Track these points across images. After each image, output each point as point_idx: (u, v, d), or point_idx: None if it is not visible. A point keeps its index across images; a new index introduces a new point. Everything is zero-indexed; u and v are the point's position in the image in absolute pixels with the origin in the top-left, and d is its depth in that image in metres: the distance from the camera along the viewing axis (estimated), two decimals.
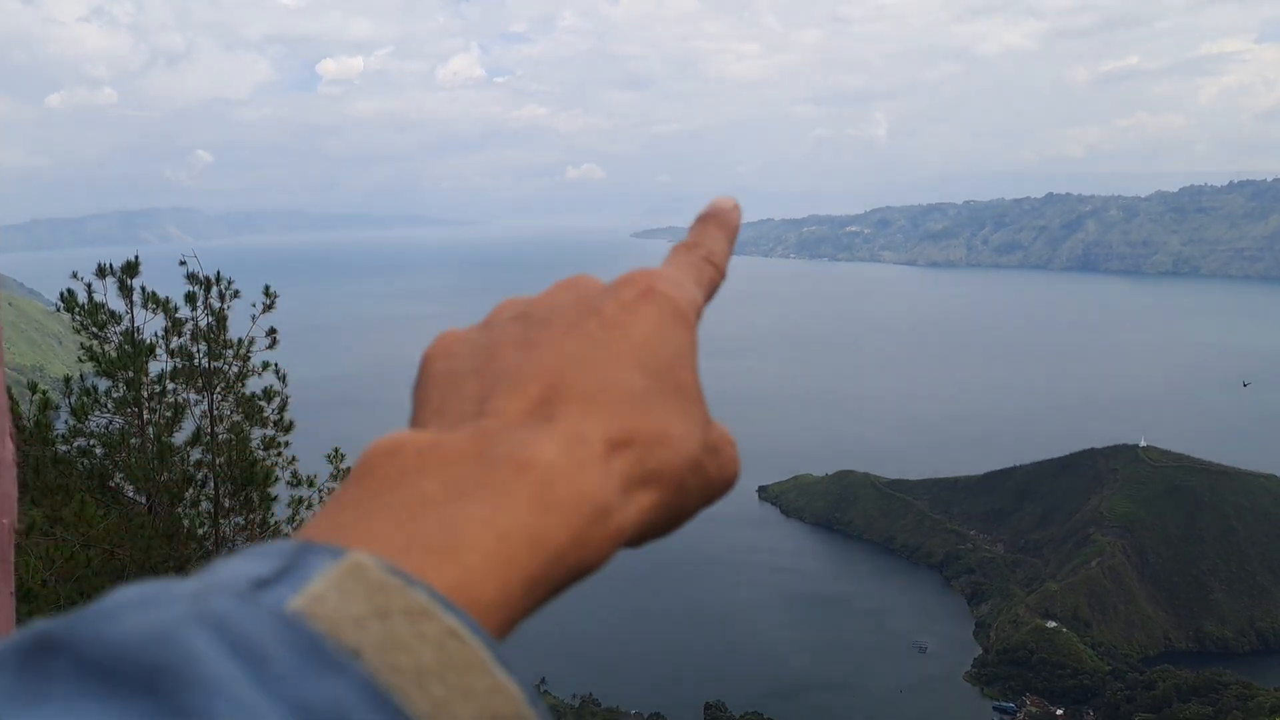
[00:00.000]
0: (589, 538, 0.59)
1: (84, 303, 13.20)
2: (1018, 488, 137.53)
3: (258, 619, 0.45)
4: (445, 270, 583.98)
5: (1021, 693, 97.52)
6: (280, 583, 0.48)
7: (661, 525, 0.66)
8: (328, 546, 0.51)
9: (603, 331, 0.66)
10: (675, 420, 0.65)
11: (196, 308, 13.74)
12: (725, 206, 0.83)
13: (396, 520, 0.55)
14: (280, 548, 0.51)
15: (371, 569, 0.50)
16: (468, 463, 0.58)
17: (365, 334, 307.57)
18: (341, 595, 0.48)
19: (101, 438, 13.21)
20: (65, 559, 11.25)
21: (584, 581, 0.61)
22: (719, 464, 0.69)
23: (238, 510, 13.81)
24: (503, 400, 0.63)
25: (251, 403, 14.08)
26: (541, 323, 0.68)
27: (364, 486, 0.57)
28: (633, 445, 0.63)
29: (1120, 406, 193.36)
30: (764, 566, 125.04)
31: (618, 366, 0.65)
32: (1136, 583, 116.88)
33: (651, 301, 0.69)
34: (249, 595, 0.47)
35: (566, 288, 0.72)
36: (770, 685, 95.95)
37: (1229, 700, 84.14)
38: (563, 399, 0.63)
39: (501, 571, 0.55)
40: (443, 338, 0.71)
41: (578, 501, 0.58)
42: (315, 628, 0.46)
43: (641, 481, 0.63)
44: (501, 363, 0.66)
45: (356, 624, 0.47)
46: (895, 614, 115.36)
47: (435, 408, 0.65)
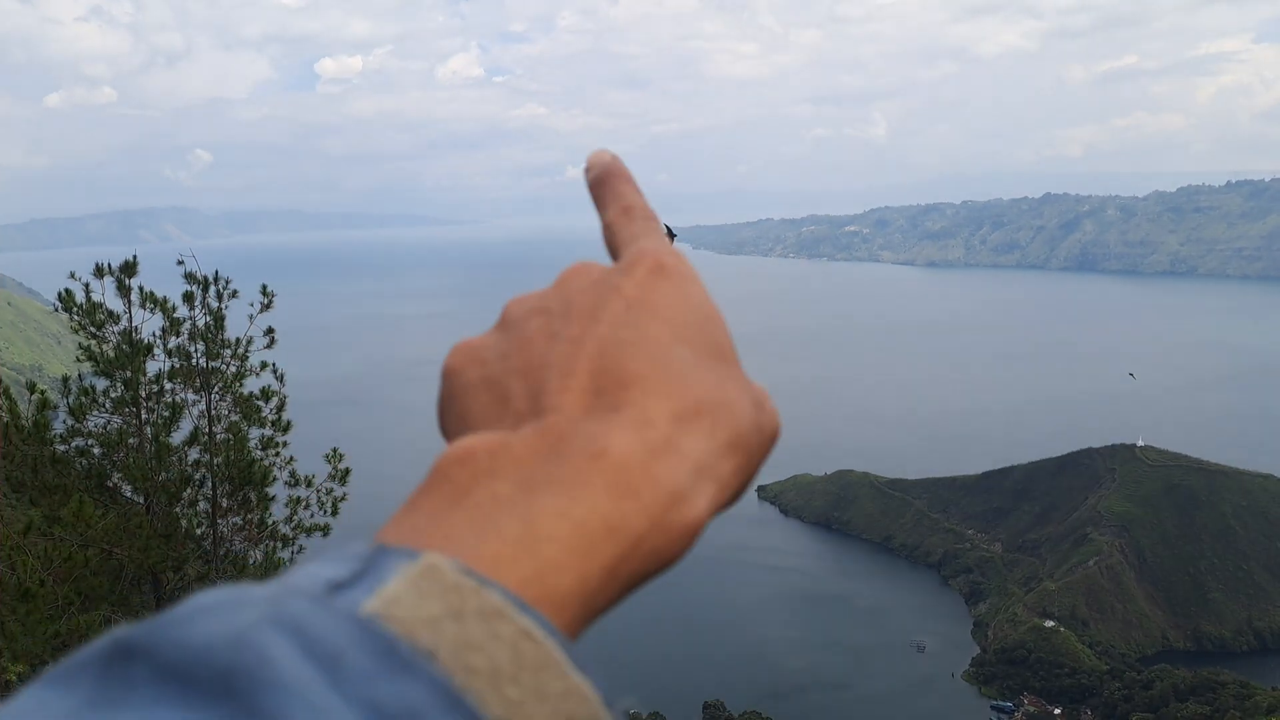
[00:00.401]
0: (669, 521, 0.58)
1: (82, 302, 13.21)
2: (1016, 487, 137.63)
3: (332, 621, 0.46)
4: (444, 270, 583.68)
5: (1019, 692, 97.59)
6: (355, 585, 0.49)
7: (742, 490, 0.65)
8: (403, 549, 0.51)
9: (630, 312, 0.66)
10: (727, 384, 0.65)
11: (194, 307, 13.76)
12: (607, 159, 0.83)
13: (471, 521, 0.55)
14: (356, 550, 0.51)
15: (446, 570, 0.50)
16: (539, 460, 0.58)
17: (364, 334, 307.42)
18: (416, 597, 0.48)
19: (100, 437, 13.23)
20: (63, 558, 11.27)
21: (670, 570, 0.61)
22: (769, 419, 0.67)
23: (235, 510, 13.83)
24: (557, 395, 0.62)
25: (249, 402, 14.10)
26: (564, 313, 0.67)
27: (438, 493, 0.58)
28: (701, 416, 0.62)
29: (1118, 406, 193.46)
30: (763, 565, 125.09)
31: (659, 343, 0.64)
32: (1134, 582, 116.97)
33: (665, 275, 0.69)
34: (324, 598, 0.48)
35: (574, 275, 0.71)
36: (769, 684, 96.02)
37: (1226, 700, 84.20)
38: (619, 384, 0.62)
39: (579, 561, 0.55)
40: (461, 348, 0.70)
41: (654, 486, 0.58)
42: (390, 629, 0.47)
43: (719, 453, 0.62)
44: (540, 358, 0.64)
45: (431, 625, 0.48)
46: (893, 613, 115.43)
47: (482, 416, 0.64)
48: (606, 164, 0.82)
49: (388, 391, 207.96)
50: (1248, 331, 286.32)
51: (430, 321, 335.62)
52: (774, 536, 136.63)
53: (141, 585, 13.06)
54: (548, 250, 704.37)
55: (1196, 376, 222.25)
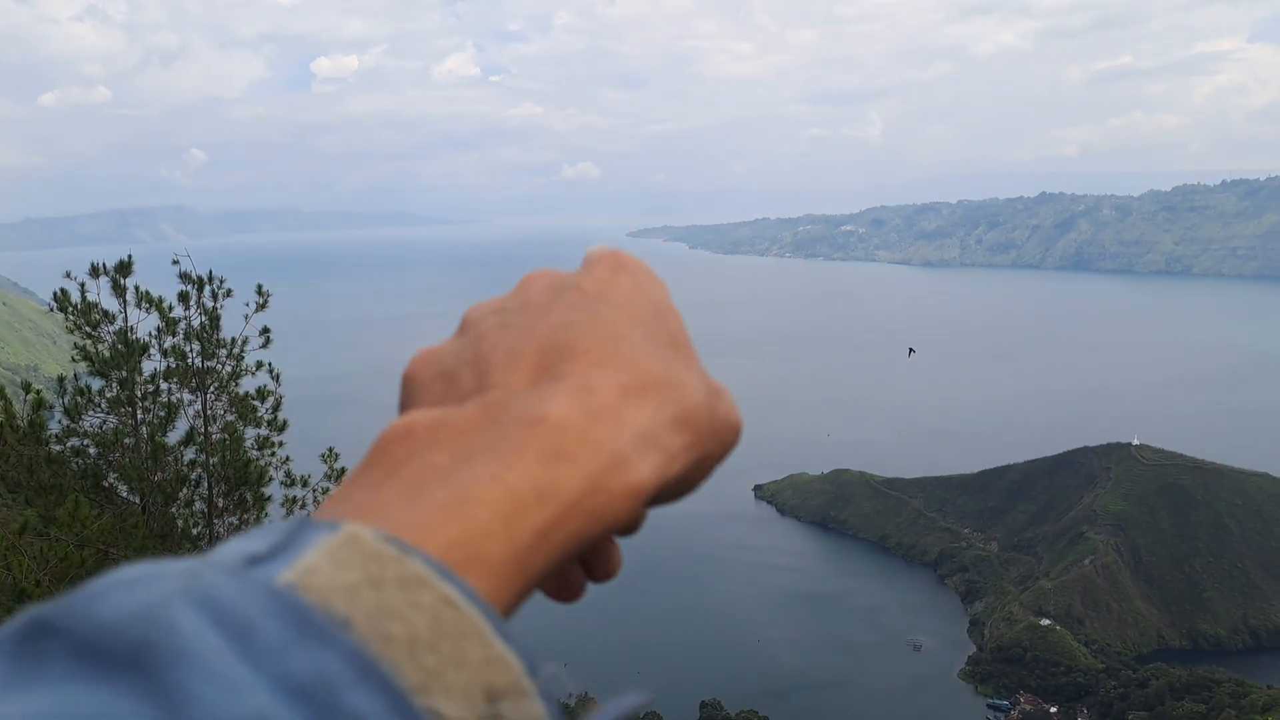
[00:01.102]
0: (607, 485, 0.58)
1: (77, 302, 13.16)
2: (1011, 486, 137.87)
3: (246, 592, 0.46)
4: (441, 269, 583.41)
5: (1015, 690, 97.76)
6: (275, 558, 0.49)
7: (689, 474, 0.65)
8: (326, 521, 0.51)
9: (586, 301, 0.66)
10: (681, 369, 0.65)
11: (190, 307, 13.72)
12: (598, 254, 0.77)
13: (403, 491, 0.56)
14: (279, 526, 0.51)
15: (366, 539, 0.50)
16: (478, 431, 0.59)
17: (360, 333, 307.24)
18: (334, 566, 0.48)
19: (95, 437, 13.19)
20: (59, 559, 11.25)
21: (625, 537, 0.61)
22: (726, 407, 0.67)
23: (232, 510, 13.79)
24: (502, 374, 0.62)
25: (245, 402, 14.07)
26: (519, 309, 0.68)
27: (376, 468, 0.58)
28: (648, 390, 0.62)
29: (1113, 405, 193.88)
30: (760, 565, 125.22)
31: (611, 324, 0.65)
32: (1130, 580, 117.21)
33: (625, 272, 0.69)
34: (241, 571, 0.48)
35: (534, 279, 0.72)
36: (765, 683, 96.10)
37: (1222, 698, 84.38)
38: (565, 359, 0.62)
39: (509, 525, 0.55)
40: (419, 354, 0.70)
41: (592, 450, 0.58)
42: (305, 599, 0.47)
43: (665, 426, 0.62)
44: (490, 347, 0.65)
45: (348, 594, 0.47)
46: (890, 612, 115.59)
47: (434, 402, 0.64)
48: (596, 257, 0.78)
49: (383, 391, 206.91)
50: (1243, 331, 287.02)
51: (426, 321, 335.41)
52: (771, 536, 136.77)
53: None
54: (545, 250, 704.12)
55: (1192, 375, 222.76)
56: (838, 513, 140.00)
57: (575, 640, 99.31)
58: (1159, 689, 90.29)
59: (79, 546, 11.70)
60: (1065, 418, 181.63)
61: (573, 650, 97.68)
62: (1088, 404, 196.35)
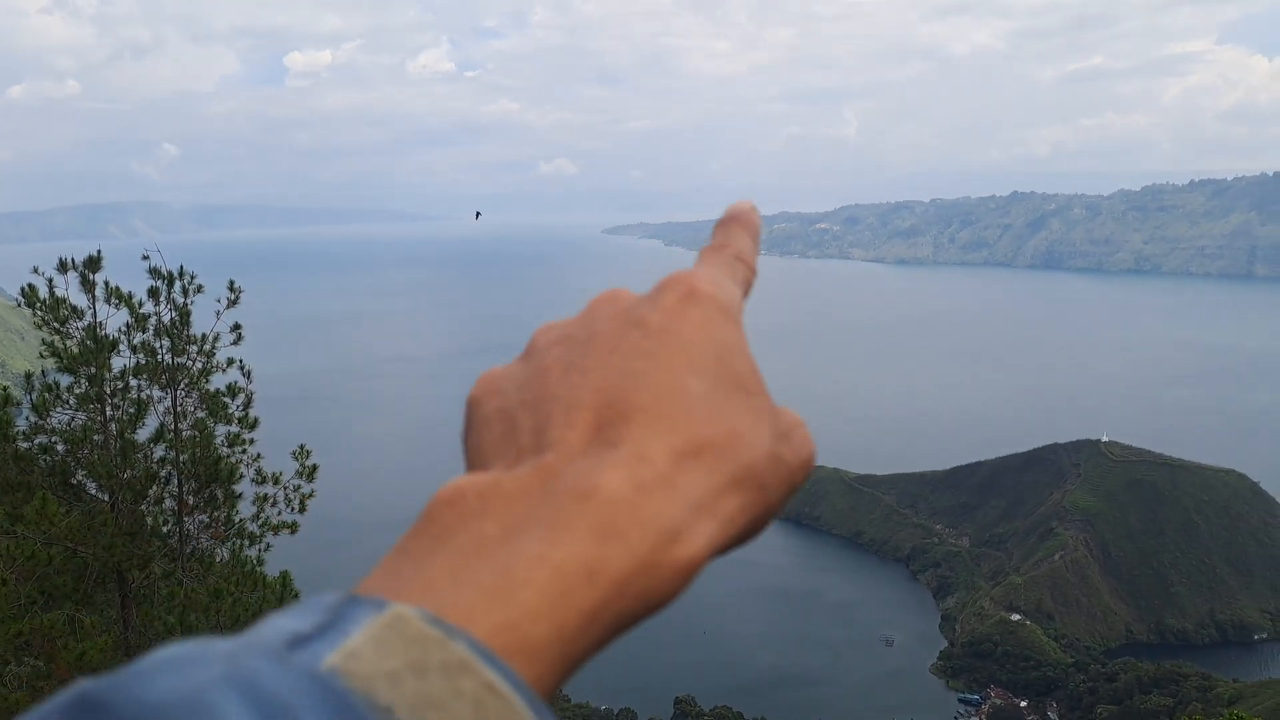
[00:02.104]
0: (658, 562, 0.57)
1: (46, 298, 13.05)
2: (982, 482, 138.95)
3: (289, 678, 0.46)
4: (416, 266, 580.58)
5: (986, 685, 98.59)
6: (319, 638, 0.49)
7: (753, 526, 0.64)
8: (372, 599, 0.51)
9: (649, 341, 0.65)
10: (742, 416, 0.64)
11: (160, 303, 13.63)
12: (745, 208, 0.80)
13: (452, 566, 0.55)
14: (325, 601, 0.51)
15: (412, 621, 0.49)
16: (529, 499, 0.58)
17: (333, 330, 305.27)
18: (378, 650, 0.48)
19: (63, 434, 13.09)
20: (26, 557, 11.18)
21: (666, 609, 0.60)
22: (794, 449, 0.66)
23: (202, 507, 13.75)
24: (559, 430, 0.61)
25: (216, 399, 14.01)
26: (585, 344, 0.66)
27: (425, 536, 0.57)
28: (703, 453, 0.61)
29: (1083, 402, 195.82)
30: (733, 561, 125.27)
31: (672, 374, 0.63)
32: (1099, 576, 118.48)
33: (694, 303, 0.67)
34: (284, 653, 0.47)
35: (604, 303, 0.70)
36: (739, 679, 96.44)
37: (1189, 692, 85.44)
38: (623, 419, 0.61)
39: (556, 607, 0.54)
40: (485, 377, 0.69)
41: (642, 526, 0.57)
42: (348, 685, 0.47)
43: (721, 490, 0.61)
44: (551, 390, 0.64)
45: (391, 680, 0.47)
46: (863, 608, 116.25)
47: (492, 449, 0.64)
48: (737, 208, 0.79)
49: (356, 388, 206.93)
50: (1209, 329, 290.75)
51: (399, 318, 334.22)
52: None
53: (106, 583, 12.96)
54: (520, 247, 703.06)
55: (1160, 373, 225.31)
56: (811, 509, 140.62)
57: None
58: (1127, 683, 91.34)
59: (46, 544, 11.63)
60: (1035, 415, 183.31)
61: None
62: (1058, 401, 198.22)
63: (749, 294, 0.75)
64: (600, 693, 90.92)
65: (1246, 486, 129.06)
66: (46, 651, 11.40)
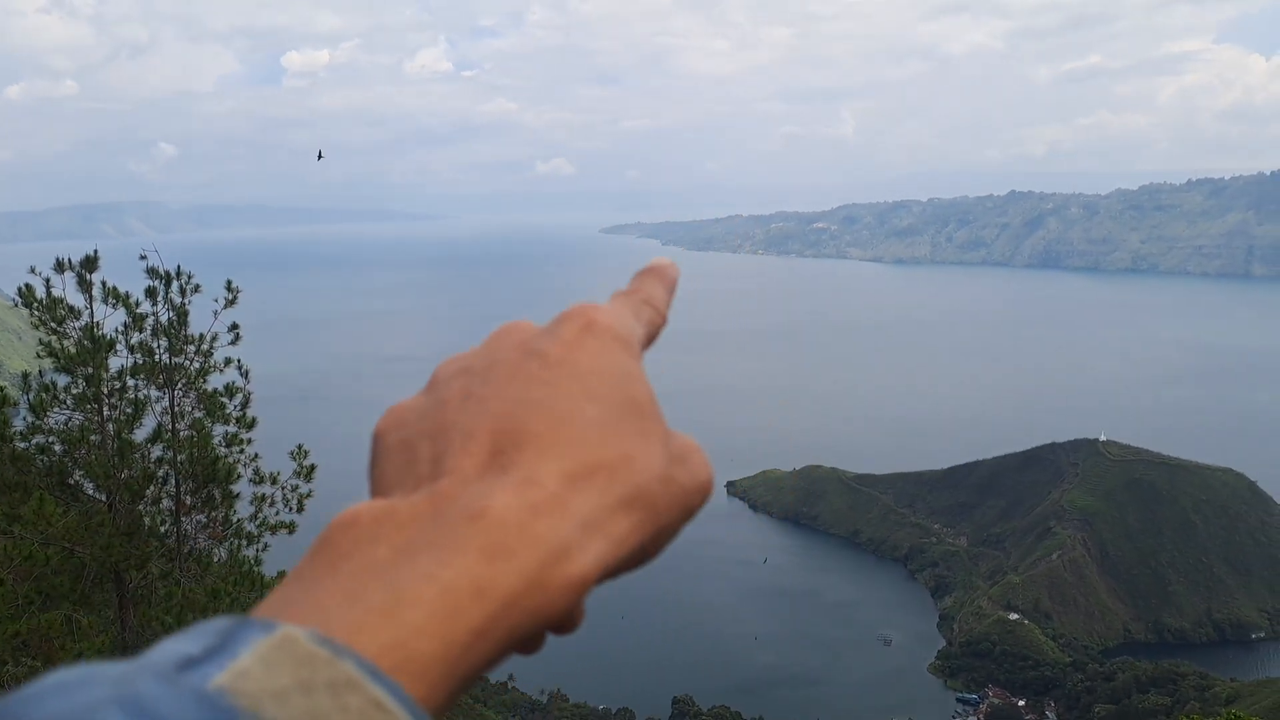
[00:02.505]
0: (547, 579, 0.58)
1: (43, 297, 13.02)
2: (980, 482, 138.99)
3: (177, 698, 0.46)
4: (413, 266, 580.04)
5: (984, 684, 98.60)
6: (208, 660, 0.49)
7: (646, 547, 0.65)
8: (262, 621, 0.52)
9: (547, 371, 0.66)
10: (635, 440, 0.65)
11: (157, 303, 13.60)
12: (664, 262, 0.84)
13: (343, 589, 0.56)
14: (215, 625, 0.51)
15: (300, 641, 0.50)
16: (421, 524, 0.59)
17: (330, 330, 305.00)
18: (266, 670, 0.49)
19: (61, 434, 13.06)
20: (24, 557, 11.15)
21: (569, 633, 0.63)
22: (689, 472, 0.68)
23: (200, 508, 13.72)
24: (455, 458, 0.62)
25: (213, 399, 13.98)
26: (484, 374, 0.68)
27: (319, 561, 0.58)
28: (594, 474, 0.62)
29: (1080, 401, 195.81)
30: (732, 560, 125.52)
31: (567, 402, 0.65)
32: (1096, 575, 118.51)
33: (592, 335, 0.69)
34: (173, 675, 0.48)
35: (503, 334, 0.72)
36: (737, 679, 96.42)
37: (1187, 691, 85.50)
38: (516, 446, 0.62)
39: (444, 625, 0.55)
40: (390, 411, 0.70)
41: (531, 544, 0.58)
42: (235, 703, 0.47)
43: (612, 510, 0.62)
44: (450, 420, 0.65)
45: (278, 699, 0.48)
46: (861, 607, 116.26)
47: (394, 479, 0.65)
48: (655, 261, 0.83)
49: (354, 388, 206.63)
50: (1207, 328, 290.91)
51: (397, 317, 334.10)
52: (743, 531, 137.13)
53: (104, 584, 12.93)
54: (517, 247, 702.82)
55: (1157, 372, 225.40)
56: (809, 509, 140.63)
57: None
58: (1125, 682, 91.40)
59: (44, 544, 11.60)
60: (1033, 414, 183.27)
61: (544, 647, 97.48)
62: (1055, 401, 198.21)
63: (655, 338, 0.78)
64: (598, 693, 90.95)
65: (1244, 486, 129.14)
66: (44, 652, 11.37)
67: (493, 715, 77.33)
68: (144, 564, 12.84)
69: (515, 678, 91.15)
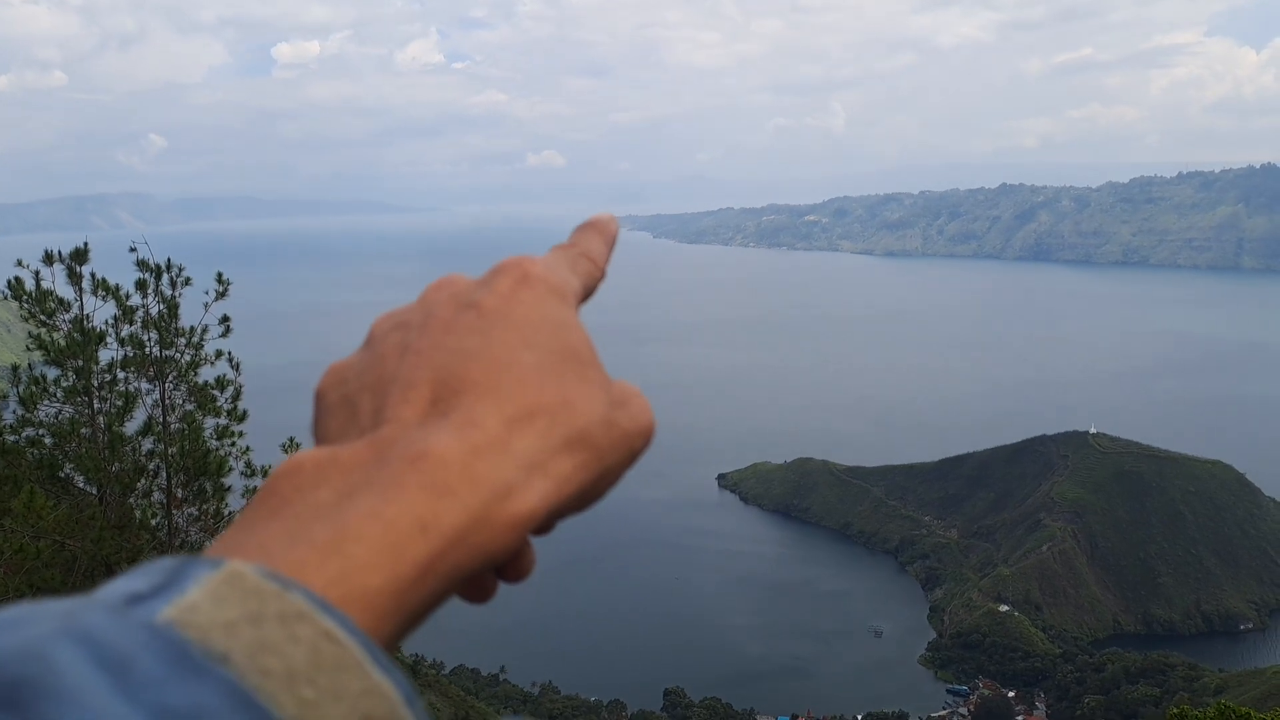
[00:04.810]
0: (491, 516, 0.59)
1: (32, 290, 12.93)
2: (971, 474, 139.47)
3: (125, 630, 0.47)
4: (404, 257, 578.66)
5: (974, 676, 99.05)
6: (156, 596, 0.50)
7: (588, 490, 0.66)
8: (209, 559, 0.52)
9: (483, 321, 0.67)
10: (575, 385, 0.66)
11: (148, 295, 13.53)
12: (604, 217, 0.84)
13: (286, 529, 0.57)
14: (162, 564, 0.52)
15: (248, 576, 0.51)
16: (364, 467, 0.60)
17: (321, 322, 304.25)
18: (215, 603, 0.49)
19: (51, 427, 12.99)
20: (14, 551, 11.09)
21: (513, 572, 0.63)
22: (630, 415, 0.68)
23: (191, 501, 13.65)
24: (395, 408, 0.64)
25: (204, 392, 13.90)
26: (420, 327, 0.69)
27: (263, 507, 0.59)
28: (535, 417, 0.63)
29: (1071, 394, 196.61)
30: (723, 553, 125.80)
31: (504, 349, 0.66)
32: (1086, 567, 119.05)
33: (527, 286, 0.70)
34: (120, 609, 0.48)
35: (437, 289, 0.73)
36: (728, 670, 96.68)
37: (1176, 682, 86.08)
38: (455, 394, 0.64)
39: (389, 560, 0.56)
40: (330, 370, 0.71)
41: (473, 483, 0.59)
42: (184, 635, 0.48)
43: (555, 450, 0.63)
44: (389, 373, 0.66)
45: (227, 630, 0.48)
46: (852, 599, 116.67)
47: (336, 434, 0.66)
48: (595, 217, 0.84)
49: None
50: (1196, 321, 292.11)
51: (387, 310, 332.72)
52: (734, 524, 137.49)
53: (95, 577, 12.87)
54: (508, 238, 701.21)
55: (1147, 365, 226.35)
56: (800, 501, 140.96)
57: (538, 629, 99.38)
58: (1114, 673, 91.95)
59: (35, 538, 11.54)
60: (1024, 407, 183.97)
61: (535, 639, 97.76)
62: (1046, 393, 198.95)
63: (593, 291, 0.79)
64: (590, 685, 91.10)
65: (1233, 478, 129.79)
66: None
67: (484, 707, 77.38)
68: (135, 557, 12.78)
69: (507, 670, 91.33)
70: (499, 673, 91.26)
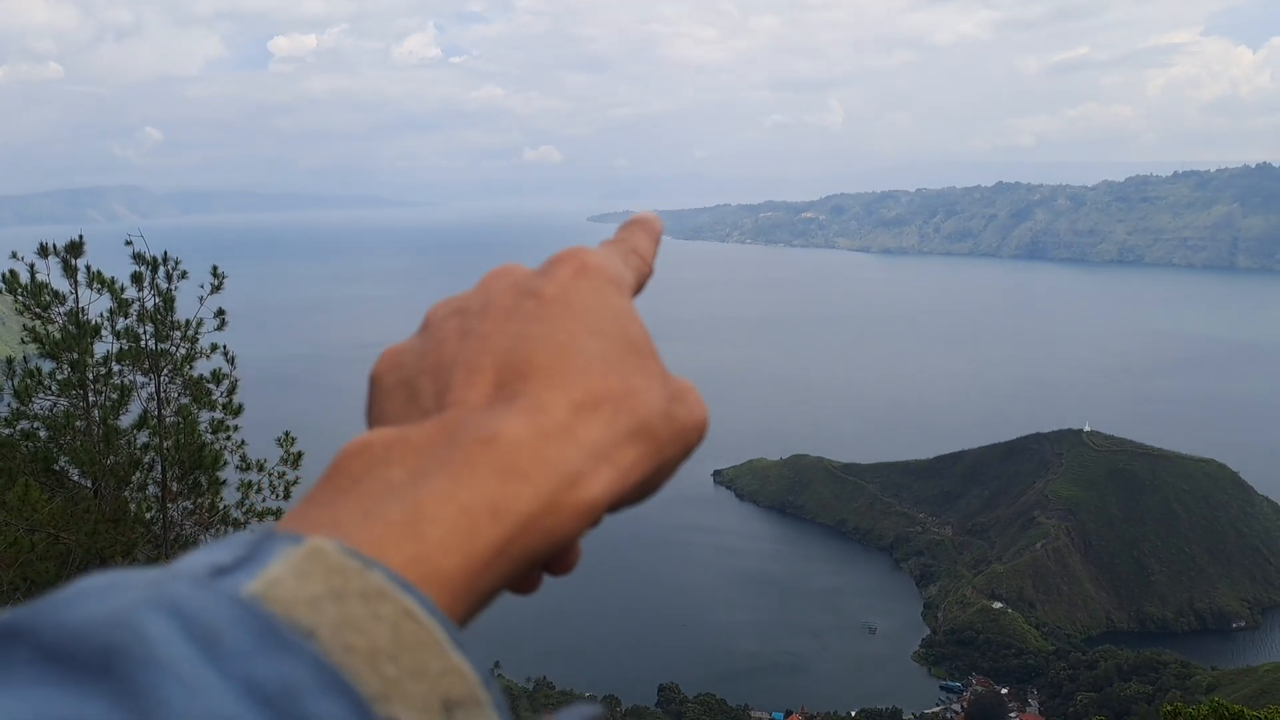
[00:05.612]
0: (560, 502, 0.59)
1: (27, 283, 12.92)
2: (965, 471, 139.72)
3: (212, 602, 0.47)
4: (400, 252, 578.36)
5: (968, 672, 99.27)
6: (240, 569, 0.50)
7: (647, 481, 0.66)
8: (289, 534, 0.52)
9: (544, 309, 0.67)
10: (637, 375, 0.66)
11: (143, 288, 13.52)
12: (649, 215, 0.85)
13: (360, 506, 0.57)
14: (243, 538, 0.53)
15: (330, 552, 0.51)
16: (434, 448, 0.60)
17: (317, 316, 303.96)
18: (298, 578, 0.50)
19: (46, 420, 12.98)
20: (8, 544, 11.08)
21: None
22: (687, 409, 0.68)
23: (186, 494, 13.65)
24: (460, 391, 0.64)
25: (199, 385, 13.90)
26: (480, 313, 0.69)
27: (333, 485, 0.59)
28: (600, 405, 0.63)
29: (1065, 392, 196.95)
30: (718, 549, 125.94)
31: (568, 336, 0.65)
32: (1080, 564, 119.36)
33: (586, 276, 0.70)
34: (207, 581, 0.49)
35: (496, 277, 0.73)
36: (723, 666, 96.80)
37: (1168, 679, 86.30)
38: (521, 377, 0.63)
39: (464, 542, 0.56)
40: (385, 354, 0.71)
41: (543, 468, 0.59)
42: (270, 609, 0.48)
43: (619, 439, 0.63)
44: (451, 357, 0.66)
45: (312, 605, 0.49)
46: (846, 596, 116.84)
47: (395, 416, 0.66)
48: (640, 215, 0.85)
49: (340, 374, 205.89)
50: (1191, 320, 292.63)
51: (384, 303, 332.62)
52: (729, 520, 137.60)
53: (89, 571, 12.85)
54: (504, 233, 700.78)
55: (1142, 363, 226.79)
56: (796, 497, 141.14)
57: (532, 624, 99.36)
58: (1107, 670, 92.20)
59: (29, 531, 11.53)
60: (1018, 404, 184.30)
61: (529, 633, 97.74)
62: (1040, 391, 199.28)
63: (643, 287, 0.79)
64: (584, 681, 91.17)
65: (1226, 476, 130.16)
66: None
67: None
68: (130, 551, 12.79)
69: (501, 665, 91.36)
70: (493, 668, 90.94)
